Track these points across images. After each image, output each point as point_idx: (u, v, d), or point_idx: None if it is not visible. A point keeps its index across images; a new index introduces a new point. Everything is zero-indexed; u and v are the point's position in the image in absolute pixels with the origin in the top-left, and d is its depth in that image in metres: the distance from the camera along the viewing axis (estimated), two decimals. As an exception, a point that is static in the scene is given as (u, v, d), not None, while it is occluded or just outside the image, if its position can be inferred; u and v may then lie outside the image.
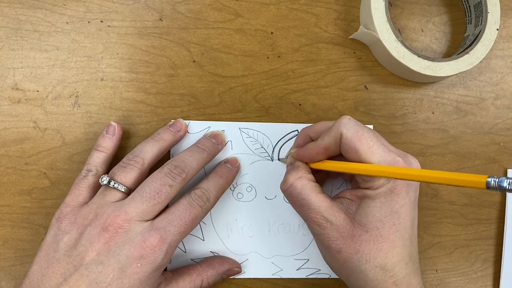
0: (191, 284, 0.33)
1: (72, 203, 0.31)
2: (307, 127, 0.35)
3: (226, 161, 0.36)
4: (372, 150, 0.29)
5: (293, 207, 0.32)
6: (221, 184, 0.34)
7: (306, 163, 0.32)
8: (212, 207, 0.33)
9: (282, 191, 0.32)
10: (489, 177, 0.24)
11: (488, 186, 0.24)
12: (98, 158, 0.33)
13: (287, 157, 0.36)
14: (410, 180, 0.28)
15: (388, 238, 0.29)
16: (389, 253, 0.29)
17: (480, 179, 0.24)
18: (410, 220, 0.30)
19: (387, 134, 0.39)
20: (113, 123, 0.35)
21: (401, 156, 0.29)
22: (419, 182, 0.30)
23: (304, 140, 0.34)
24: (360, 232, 0.29)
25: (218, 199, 0.33)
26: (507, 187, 0.23)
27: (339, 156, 0.31)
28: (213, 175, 0.34)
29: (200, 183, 0.33)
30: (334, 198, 0.31)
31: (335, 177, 0.37)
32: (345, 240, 0.29)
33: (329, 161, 0.31)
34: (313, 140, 0.33)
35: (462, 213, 0.39)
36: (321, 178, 0.35)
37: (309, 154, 0.31)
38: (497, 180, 0.23)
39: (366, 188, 0.30)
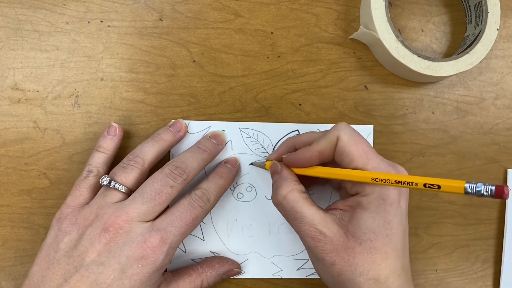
0: (191, 285, 0.33)
1: (73, 203, 0.31)
2: (292, 137, 0.34)
3: (226, 161, 0.36)
4: (368, 157, 0.29)
5: (286, 219, 0.31)
6: (221, 185, 0.34)
7: (292, 172, 0.32)
8: (212, 207, 0.33)
9: (274, 204, 0.32)
10: (466, 182, 0.24)
11: (466, 192, 0.24)
12: (99, 159, 0.33)
13: (262, 162, 0.36)
14: (398, 186, 0.28)
15: (381, 250, 0.28)
16: (382, 264, 0.28)
17: (458, 184, 0.24)
18: (402, 231, 0.29)
19: (387, 134, 0.39)
20: (114, 124, 0.35)
21: (392, 166, 0.29)
22: (408, 192, 0.30)
23: (287, 150, 0.34)
24: (353, 244, 0.28)
25: (219, 199, 0.33)
26: (484, 193, 0.23)
27: (329, 163, 0.31)
28: (213, 176, 0.34)
29: (200, 183, 0.33)
30: (326, 209, 0.31)
31: (322, 184, 0.37)
32: (338, 253, 0.29)
33: (320, 167, 0.31)
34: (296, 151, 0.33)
35: (462, 213, 0.39)
36: (306, 185, 0.35)
37: (302, 159, 0.31)
38: (474, 186, 0.23)
39: (356, 194, 0.30)
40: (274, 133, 0.37)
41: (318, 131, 0.37)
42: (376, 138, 0.38)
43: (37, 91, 0.36)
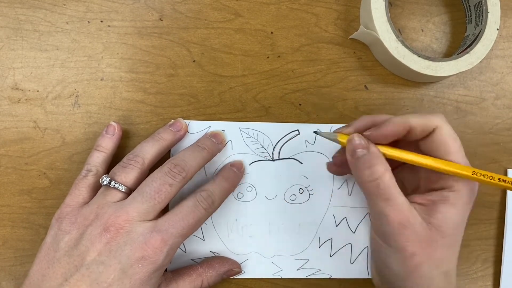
0: (191, 285, 0.33)
1: (72, 203, 0.31)
2: (370, 115, 0.32)
3: (232, 165, 0.36)
4: (463, 155, 0.29)
5: (373, 199, 0.29)
6: (227, 188, 0.34)
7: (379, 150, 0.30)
8: (215, 210, 0.32)
9: (364, 182, 0.29)
10: None
11: None
12: (98, 158, 0.33)
13: (331, 133, 0.32)
14: (499, 185, 0.28)
15: (458, 245, 0.29)
16: (452, 258, 0.29)
17: None
18: None
19: (387, 134, 0.39)
20: (113, 123, 0.35)
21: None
22: None
23: (365, 125, 0.31)
24: (437, 237, 0.28)
25: (222, 202, 0.33)
26: None
27: (402, 146, 0.30)
28: (219, 178, 0.34)
29: (205, 185, 0.33)
30: None
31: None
32: (421, 244, 0.28)
33: (416, 153, 0.29)
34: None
35: (462, 213, 0.39)
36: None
37: (393, 129, 0.29)
38: None
39: (443, 189, 0.29)
40: (274, 133, 0.37)
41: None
42: (376, 138, 0.38)
43: (37, 91, 0.36)
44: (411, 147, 0.31)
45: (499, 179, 0.27)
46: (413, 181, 0.33)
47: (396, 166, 0.32)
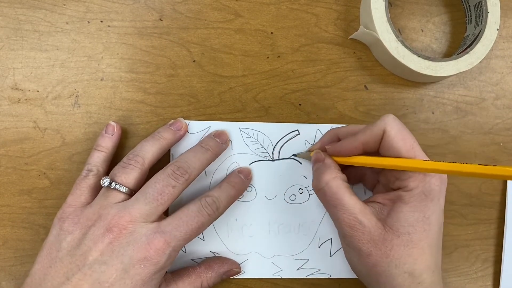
0: (191, 286, 0.33)
1: (74, 203, 0.31)
2: (335, 128, 0.35)
3: (240, 171, 0.36)
4: (415, 153, 0.29)
5: (325, 206, 0.31)
6: (232, 195, 0.34)
7: (335, 162, 0.32)
8: (219, 216, 0.32)
9: (314, 190, 0.32)
10: None
11: None
12: (98, 158, 0.33)
13: (306, 152, 0.36)
14: (455, 175, 0.28)
15: (418, 244, 0.29)
16: (418, 259, 0.29)
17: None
18: (438, 227, 0.30)
19: (387, 134, 0.39)
20: (112, 123, 0.35)
21: None
22: (445, 191, 0.30)
23: (330, 140, 0.34)
24: (391, 236, 0.29)
25: (227, 209, 0.33)
26: None
27: (371, 155, 0.31)
28: (226, 185, 0.34)
29: (211, 191, 0.33)
30: (365, 202, 0.31)
31: (354, 184, 0.37)
32: (375, 244, 0.29)
33: (364, 156, 0.31)
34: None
35: (462, 213, 0.39)
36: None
37: (346, 149, 0.31)
38: None
39: (398, 189, 0.30)
40: (274, 133, 0.37)
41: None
42: (376, 138, 0.38)
43: (37, 91, 0.36)
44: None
45: (447, 170, 0.27)
46: (374, 182, 0.35)
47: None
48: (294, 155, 0.37)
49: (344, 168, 0.33)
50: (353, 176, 0.35)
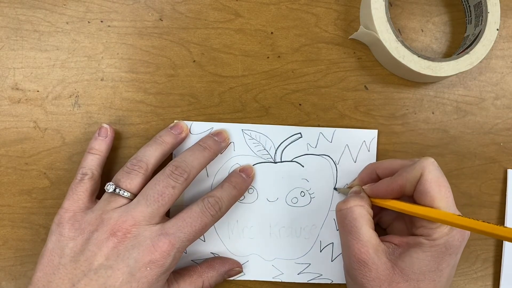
0: (192, 285, 0.33)
1: (72, 208, 0.31)
2: (373, 163, 0.35)
3: (241, 170, 0.36)
4: (448, 202, 0.29)
5: (340, 229, 0.31)
6: (234, 195, 0.34)
7: (369, 198, 0.32)
8: (222, 216, 0.32)
9: (336, 210, 0.32)
10: None
11: None
12: (92, 161, 0.33)
13: (346, 187, 0.36)
14: (488, 236, 0.27)
15: None
16: None
17: None
18: (447, 280, 0.29)
19: (387, 134, 0.39)
20: (105, 125, 0.35)
21: None
22: (464, 247, 0.30)
23: (369, 175, 0.34)
24: (399, 279, 0.28)
25: (229, 209, 0.33)
26: None
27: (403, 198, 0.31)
28: (227, 185, 0.34)
29: (213, 191, 0.33)
30: (380, 239, 0.31)
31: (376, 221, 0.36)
32: (381, 283, 0.29)
33: (399, 201, 0.30)
34: (378, 177, 0.33)
35: (462, 213, 0.39)
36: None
37: (385, 190, 0.31)
38: None
39: (421, 236, 0.29)
40: (277, 135, 0.37)
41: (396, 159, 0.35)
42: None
43: (37, 91, 0.36)
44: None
45: (478, 230, 0.24)
46: (390, 221, 0.35)
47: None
48: (335, 189, 0.37)
49: None
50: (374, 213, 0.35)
